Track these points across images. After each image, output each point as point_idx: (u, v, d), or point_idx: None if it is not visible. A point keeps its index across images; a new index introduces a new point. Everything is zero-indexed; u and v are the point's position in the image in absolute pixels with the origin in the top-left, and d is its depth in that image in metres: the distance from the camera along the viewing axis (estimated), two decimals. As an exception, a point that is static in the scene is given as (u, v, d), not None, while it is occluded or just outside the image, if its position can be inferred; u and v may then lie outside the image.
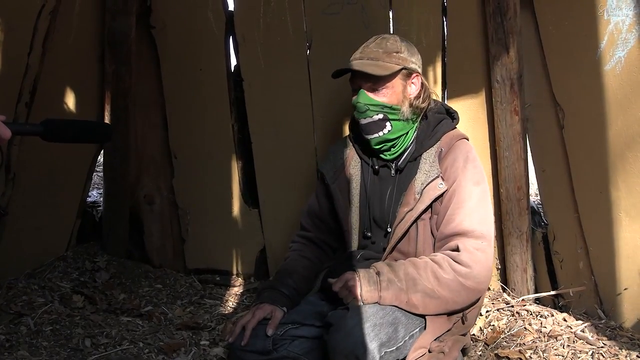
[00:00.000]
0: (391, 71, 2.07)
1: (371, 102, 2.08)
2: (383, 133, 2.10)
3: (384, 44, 2.12)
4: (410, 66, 2.12)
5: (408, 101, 2.11)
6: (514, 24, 2.47)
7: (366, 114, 2.09)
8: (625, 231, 2.39)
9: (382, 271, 1.94)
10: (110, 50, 2.81)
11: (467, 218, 1.99)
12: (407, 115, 2.11)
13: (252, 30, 2.82)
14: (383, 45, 2.11)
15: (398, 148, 2.15)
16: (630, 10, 2.29)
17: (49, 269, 2.78)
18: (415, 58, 2.15)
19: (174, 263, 3.17)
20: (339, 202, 2.22)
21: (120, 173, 2.99)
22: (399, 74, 2.10)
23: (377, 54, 2.09)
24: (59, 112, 2.77)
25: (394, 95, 2.10)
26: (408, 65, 2.11)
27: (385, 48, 2.10)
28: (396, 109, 2.09)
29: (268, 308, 2.02)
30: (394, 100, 2.09)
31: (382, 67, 2.07)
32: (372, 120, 2.10)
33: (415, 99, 2.12)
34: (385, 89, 2.09)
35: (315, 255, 2.28)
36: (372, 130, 2.11)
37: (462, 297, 1.96)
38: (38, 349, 2.21)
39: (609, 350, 2.21)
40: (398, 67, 2.08)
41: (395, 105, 2.09)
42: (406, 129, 2.13)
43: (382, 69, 2.06)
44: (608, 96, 2.37)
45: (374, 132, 2.11)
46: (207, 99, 2.95)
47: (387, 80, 2.08)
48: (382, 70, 2.06)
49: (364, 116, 2.10)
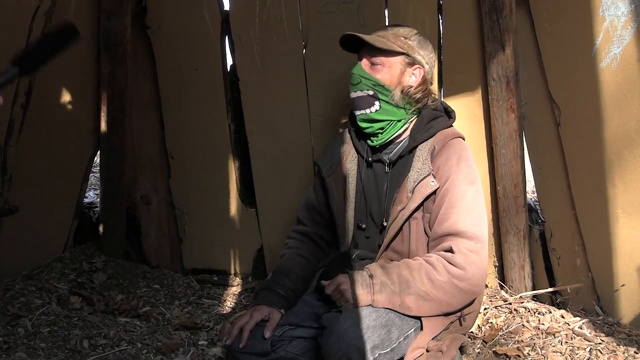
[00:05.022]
0: (390, 49, 2.08)
1: (365, 75, 2.10)
2: (370, 111, 2.10)
3: (396, 28, 2.15)
4: (415, 56, 2.11)
5: (401, 87, 2.10)
6: (510, 22, 2.47)
7: (358, 86, 2.11)
8: (622, 228, 2.40)
9: (375, 274, 1.93)
10: (106, 51, 2.80)
11: (461, 218, 1.98)
12: (397, 100, 2.09)
13: (248, 29, 2.82)
14: (395, 29, 2.15)
15: (385, 135, 2.12)
16: (625, 7, 2.29)
17: (46, 270, 2.77)
18: (425, 53, 2.14)
19: (171, 263, 3.17)
20: (333, 195, 2.21)
21: (117, 174, 2.98)
22: (399, 57, 2.10)
23: (386, 34, 2.12)
24: (55, 113, 2.76)
25: (390, 75, 2.09)
26: (412, 54, 2.11)
27: (396, 32, 2.13)
28: (387, 89, 2.09)
29: (265, 310, 2.01)
30: (387, 81, 2.09)
31: (383, 42, 2.08)
32: (362, 95, 2.11)
33: (411, 88, 2.11)
34: (382, 66, 2.09)
35: (312, 253, 2.27)
36: (359, 106, 2.12)
37: (456, 299, 1.94)
38: (36, 351, 2.21)
39: (606, 347, 2.22)
40: (399, 50, 2.09)
41: (388, 85, 2.09)
42: (395, 115, 2.11)
43: (381, 43, 2.07)
44: (604, 93, 2.38)
45: (361, 107, 2.11)
46: (204, 99, 2.94)
47: (384, 54, 2.09)
48: (381, 43, 2.07)
49: (356, 89, 2.12)
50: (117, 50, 2.79)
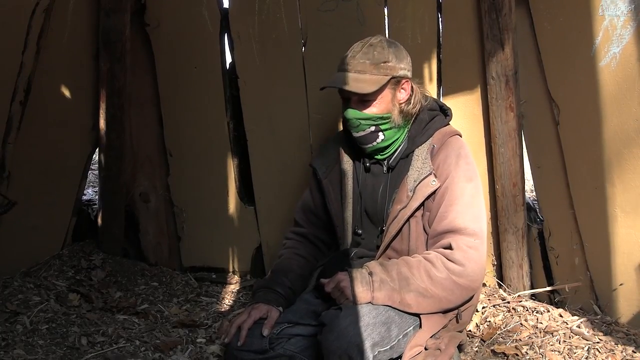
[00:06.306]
0: (380, 85, 2.03)
1: (361, 115, 2.07)
2: (377, 142, 2.11)
3: (371, 54, 2.05)
4: (399, 73, 2.07)
5: (398, 108, 2.10)
6: (509, 21, 2.47)
7: (359, 128, 2.09)
8: (621, 227, 2.40)
9: (374, 271, 1.93)
10: (105, 48, 2.80)
11: (459, 215, 1.99)
12: (398, 121, 2.10)
13: (247, 27, 2.82)
14: (370, 55, 2.05)
15: (390, 149, 2.14)
16: (625, 6, 2.29)
17: (44, 268, 2.77)
18: (405, 63, 2.10)
19: (169, 261, 3.17)
20: (330, 197, 2.21)
21: (116, 171, 2.98)
22: (387, 85, 2.06)
23: (364, 66, 2.04)
24: (54, 110, 2.76)
25: (384, 104, 2.07)
26: (397, 74, 2.07)
27: (373, 59, 2.04)
28: (387, 117, 2.08)
29: (264, 308, 2.01)
30: (383, 110, 2.07)
31: (370, 81, 2.03)
32: (365, 133, 2.09)
33: (405, 104, 2.11)
34: (374, 101, 2.06)
35: (310, 253, 2.28)
36: (366, 141, 2.11)
37: (455, 295, 1.95)
38: (34, 348, 2.21)
39: (604, 346, 2.22)
40: (387, 79, 2.05)
41: (386, 114, 2.08)
42: (398, 134, 2.13)
43: (370, 84, 2.02)
44: (603, 92, 2.38)
45: (368, 142, 2.11)
46: (202, 96, 2.94)
47: (376, 94, 2.06)
48: (370, 86, 2.02)
49: (357, 130, 2.10)
50: (116, 48, 2.79)
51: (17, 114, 2.50)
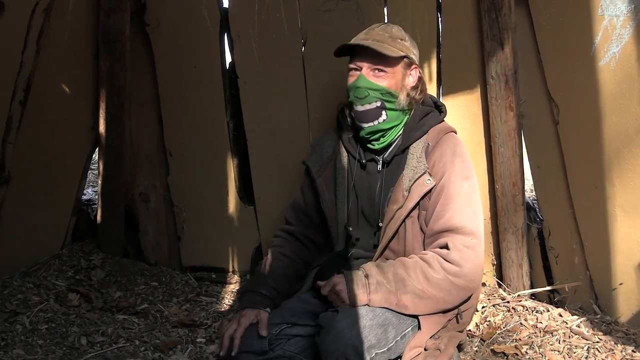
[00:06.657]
0: (397, 55, 2.04)
1: (372, 85, 2.04)
2: (378, 122, 2.07)
3: (389, 30, 2.10)
4: (412, 56, 2.10)
5: (405, 90, 2.09)
6: (509, 20, 2.47)
7: (366, 99, 2.05)
8: (620, 226, 2.40)
9: (370, 273, 1.92)
10: (105, 48, 2.80)
11: (456, 214, 1.96)
12: (404, 104, 2.08)
13: (247, 27, 2.82)
14: (388, 30, 2.10)
15: (387, 138, 2.11)
16: (624, 6, 2.29)
17: (44, 267, 2.77)
18: (416, 50, 2.15)
19: (169, 261, 3.17)
20: (324, 197, 2.18)
21: (115, 171, 2.98)
22: (401, 61, 2.07)
23: (383, 37, 2.06)
24: (54, 110, 2.76)
25: (394, 81, 2.06)
26: (410, 55, 2.09)
27: (391, 33, 2.09)
28: (395, 95, 2.06)
29: (251, 313, 1.98)
30: (393, 86, 2.06)
31: (389, 49, 2.03)
32: (370, 108, 2.05)
33: (412, 90, 2.10)
34: (387, 74, 2.05)
35: (295, 252, 2.24)
36: (367, 119, 2.07)
37: (452, 296, 1.93)
38: (33, 348, 2.21)
39: (604, 345, 2.22)
40: (402, 54, 2.06)
41: (395, 91, 2.06)
42: (399, 119, 2.10)
43: (389, 50, 2.03)
44: (603, 92, 2.38)
45: (369, 120, 2.07)
46: (202, 96, 2.94)
47: (391, 63, 2.05)
48: (389, 51, 2.03)
49: (363, 102, 2.05)
50: (116, 48, 2.79)
51: (17, 113, 2.50)
